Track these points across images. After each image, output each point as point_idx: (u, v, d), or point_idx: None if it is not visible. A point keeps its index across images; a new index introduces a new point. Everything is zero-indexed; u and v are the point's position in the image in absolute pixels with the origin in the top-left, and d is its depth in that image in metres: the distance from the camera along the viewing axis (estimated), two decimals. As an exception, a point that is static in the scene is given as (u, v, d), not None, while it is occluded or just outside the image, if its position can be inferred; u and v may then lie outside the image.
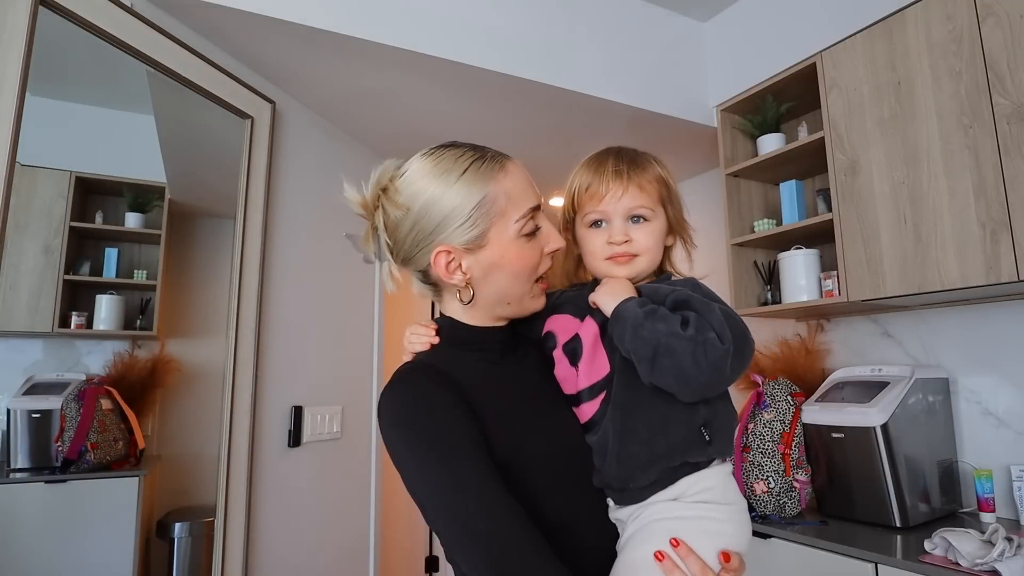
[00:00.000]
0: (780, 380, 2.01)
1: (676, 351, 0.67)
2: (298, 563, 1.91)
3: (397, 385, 0.72)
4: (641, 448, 0.72)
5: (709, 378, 0.68)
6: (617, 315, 0.73)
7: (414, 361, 0.78)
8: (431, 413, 0.68)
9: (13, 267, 1.50)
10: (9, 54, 1.16)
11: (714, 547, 0.69)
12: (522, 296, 0.78)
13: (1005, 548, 1.30)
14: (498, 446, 0.70)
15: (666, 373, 0.68)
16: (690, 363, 0.67)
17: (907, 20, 1.69)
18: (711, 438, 0.72)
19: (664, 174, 0.82)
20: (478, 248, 0.74)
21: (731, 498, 0.73)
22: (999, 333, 1.77)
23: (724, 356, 0.67)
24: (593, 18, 2.12)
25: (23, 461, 1.56)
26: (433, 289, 0.80)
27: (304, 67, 1.84)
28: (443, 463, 0.66)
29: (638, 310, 0.71)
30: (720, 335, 0.68)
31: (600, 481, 0.76)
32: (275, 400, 1.87)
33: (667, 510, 0.71)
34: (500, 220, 0.74)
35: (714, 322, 0.69)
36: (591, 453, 0.77)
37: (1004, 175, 1.47)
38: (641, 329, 0.69)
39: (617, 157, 0.81)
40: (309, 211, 2.06)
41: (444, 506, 0.65)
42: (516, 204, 0.75)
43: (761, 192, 2.32)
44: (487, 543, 0.63)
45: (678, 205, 0.83)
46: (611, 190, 0.78)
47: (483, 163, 0.75)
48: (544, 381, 0.81)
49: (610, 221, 0.79)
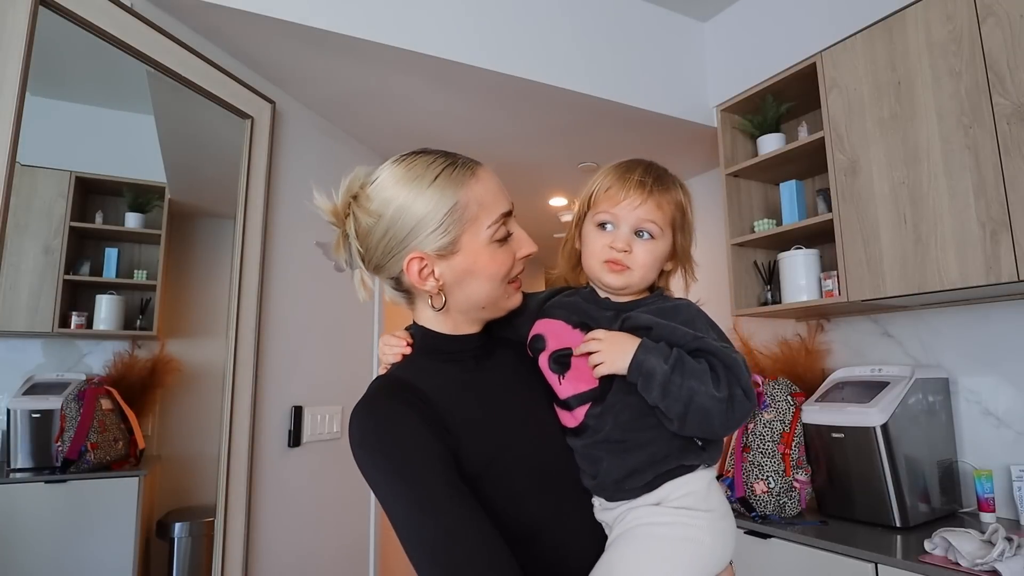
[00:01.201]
0: (780, 380, 2.01)
1: (710, 412, 0.69)
2: (298, 563, 1.91)
3: (364, 406, 0.72)
4: (640, 455, 0.73)
5: (731, 431, 0.72)
6: (642, 371, 0.71)
7: (385, 376, 0.78)
8: (395, 435, 0.68)
9: (13, 267, 1.50)
10: (9, 54, 1.16)
11: (691, 557, 0.70)
12: (497, 299, 0.78)
13: (1005, 548, 1.30)
14: (471, 458, 0.70)
15: (695, 428, 0.71)
16: (720, 422, 0.70)
17: (907, 20, 1.69)
18: (703, 444, 0.74)
19: (684, 202, 0.82)
20: (450, 254, 0.74)
21: (712, 505, 0.73)
22: (999, 333, 1.77)
23: (748, 413, 0.71)
24: (593, 18, 2.12)
25: (23, 461, 1.56)
26: (405, 296, 0.80)
27: (304, 67, 1.84)
28: (407, 485, 0.66)
29: (664, 366, 0.70)
30: (747, 392, 0.70)
31: (594, 487, 0.76)
32: (275, 400, 1.87)
33: (649, 515, 0.72)
34: (472, 226, 0.74)
35: (743, 379, 0.71)
36: (571, 454, 0.77)
37: (1004, 175, 1.47)
38: (671, 385, 0.69)
39: (646, 169, 0.81)
40: (309, 211, 2.05)
41: (408, 527, 0.65)
42: (487, 210, 0.75)
43: (761, 192, 2.32)
44: (446, 565, 0.63)
45: (688, 236, 0.83)
46: (630, 197, 0.78)
47: (454, 169, 0.75)
48: (521, 383, 0.81)
49: (618, 226, 0.79)
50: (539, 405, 0.80)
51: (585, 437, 0.76)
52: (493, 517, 0.67)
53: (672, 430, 0.72)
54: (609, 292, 0.82)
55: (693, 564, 0.70)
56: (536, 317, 0.84)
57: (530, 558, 0.68)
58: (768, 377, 2.05)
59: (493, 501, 0.68)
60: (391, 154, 0.80)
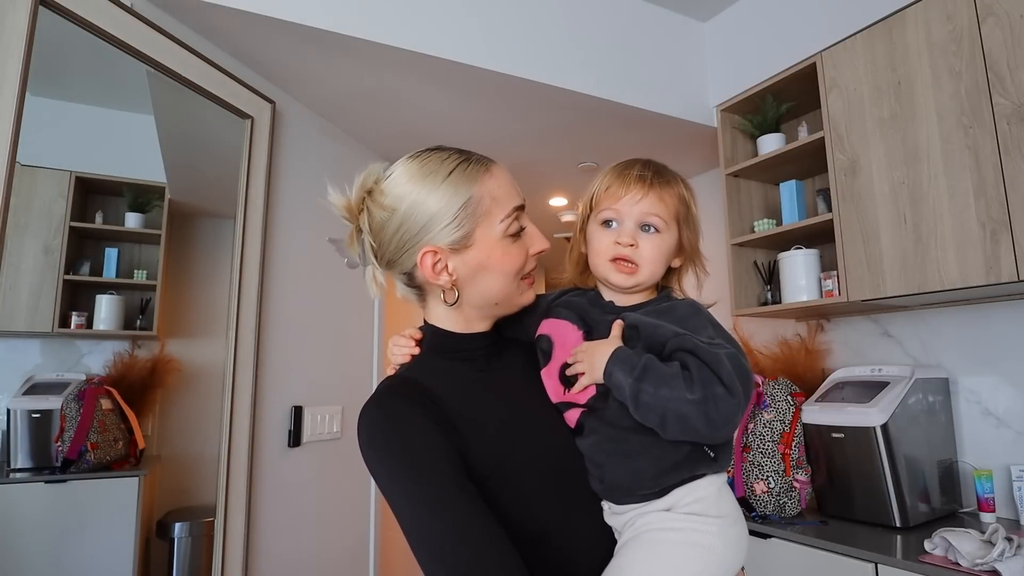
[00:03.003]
0: (780, 380, 2.01)
1: (687, 417, 0.66)
2: (298, 563, 1.91)
3: (373, 405, 0.72)
4: (642, 461, 0.72)
5: (722, 432, 0.68)
6: (611, 383, 0.71)
7: (394, 376, 0.78)
8: (404, 434, 0.68)
9: (13, 267, 1.50)
10: (9, 54, 1.16)
11: (702, 563, 0.69)
12: (510, 295, 0.78)
13: (1005, 548, 1.30)
14: (480, 459, 0.70)
15: (680, 434, 0.68)
16: (703, 424, 0.66)
17: (907, 20, 1.69)
18: (715, 455, 0.73)
19: (687, 196, 0.82)
20: (464, 248, 0.74)
21: (724, 511, 0.72)
22: (999, 333, 1.77)
23: (736, 410, 0.66)
24: (593, 18, 2.12)
25: (23, 461, 1.56)
26: (417, 293, 0.80)
27: (304, 67, 1.84)
28: (415, 484, 0.66)
29: (629, 379, 0.68)
30: (730, 388, 0.66)
31: (601, 490, 0.76)
32: (275, 400, 1.87)
33: (659, 521, 0.71)
34: (485, 220, 0.74)
35: (723, 375, 0.66)
36: (581, 456, 0.77)
37: (1004, 175, 1.47)
38: (641, 396, 0.68)
39: (644, 165, 0.81)
40: (309, 211, 2.06)
41: (414, 527, 0.65)
42: (501, 204, 0.75)
43: (761, 192, 2.32)
44: (453, 565, 0.62)
45: (694, 230, 0.82)
46: (631, 192, 0.78)
47: (468, 166, 0.75)
48: (531, 384, 0.81)
49: (622, 222, 0.79)
50: (549, 406, 0.80)
51: (586, 437, 0.76)
52: (501, 519, 0.66)
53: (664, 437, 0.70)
54: (617, 292, 0.81)
55: (704, 571, 0.69)
56: (543, 316, 0.83)
57: (538, 561, 0.67)
58: (768, 377, 2.05)
59: (501, 503, 0.68)
60: (391, 154, 0.81)
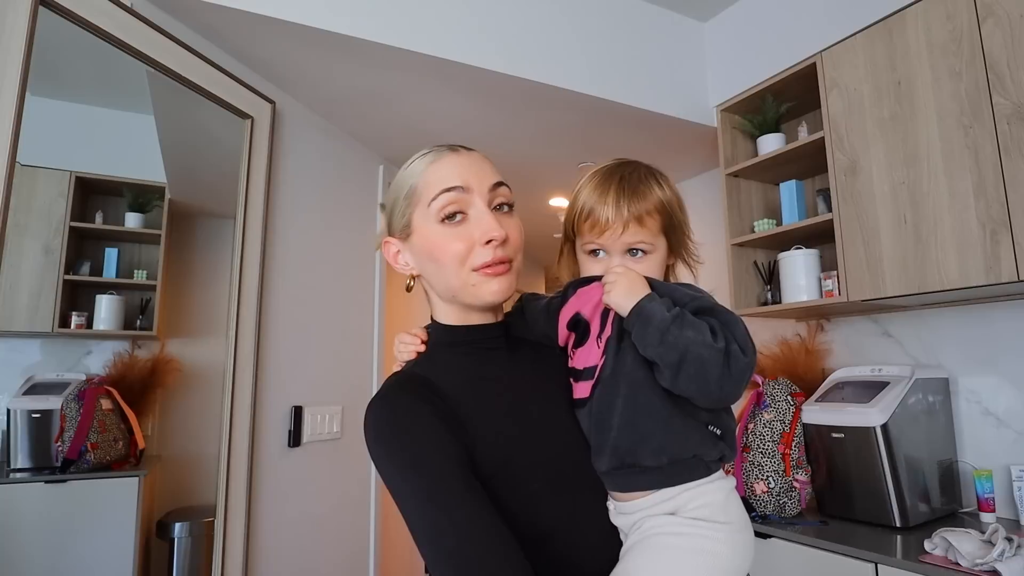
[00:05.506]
0: (780, 380, 2.01)
1: (706, 361, 0.66)
2: (298, 563, 1.91)
3: (380, 400, 0.72)
4: (656, 425, 0.70)
5: (731, 390, 0.68)
6: (641, 315, 0.69)
7: (400, 372, 0.78)
8: (410, 429, 0.68)
9: (13, 267, 1.50)
10: (9, 54, 1.16)
11: (707, 569, 0.68)
12: (463, 285, 0.74)
13: (1005, 548, 1.30)
14: (486, 457, 0.69)
15: (691, 381, 0.67)
16: (717, 374, 0.66)
17: (907, 20, 1.69)
18: (721, 432, 0.72)
19: (665, 197, 0.78)
20: (407, 237, 0.77)
21: (732, 517, 0.71)
22: (999, 333, 1.77)
23: (746, 369, 0.67)
24: (593, 18, 2.12)
25: (23, 461, 1.56)
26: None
27: (304, 67, 1.84)
28: (420, 479, 0.65)
29: (666, 314, 0.68)
30: (743, 347, 0.67)
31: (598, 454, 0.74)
32: (275, 400, 1.87)
33: (667, 525, 0.70)
34: (419, 205, 0.75)
35: (738, 334, 0.68)
36: (588, 456, 0.75)
37: (1004, 175, 1.47)
38: (668, 335, 0.67)
39: (619, 187, 0.77)
40: (309, 211, 2.06)
41: (420, 522, 0.65)
42: (431, 187, 0.74)
43: (761, 192, 2.32)
44: (456, 561, 0.62)
45: (680, 229, 0.80)
46: (611, 227, 0.76)
47: (427, 155, 0.77)
48: (539, 383, 0.80)
49: (610, 253, 0.78)
50: (557, 405, 0.79)
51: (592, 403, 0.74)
52: (507, 517, 0.66)
53: (665, 385, 0.69)
54: None
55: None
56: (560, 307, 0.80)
57: (543, 560, 0.67)
58: (768, 377, 2.05)
59: (507, 501, 0.68)
60: (391, 154, 0.83)
